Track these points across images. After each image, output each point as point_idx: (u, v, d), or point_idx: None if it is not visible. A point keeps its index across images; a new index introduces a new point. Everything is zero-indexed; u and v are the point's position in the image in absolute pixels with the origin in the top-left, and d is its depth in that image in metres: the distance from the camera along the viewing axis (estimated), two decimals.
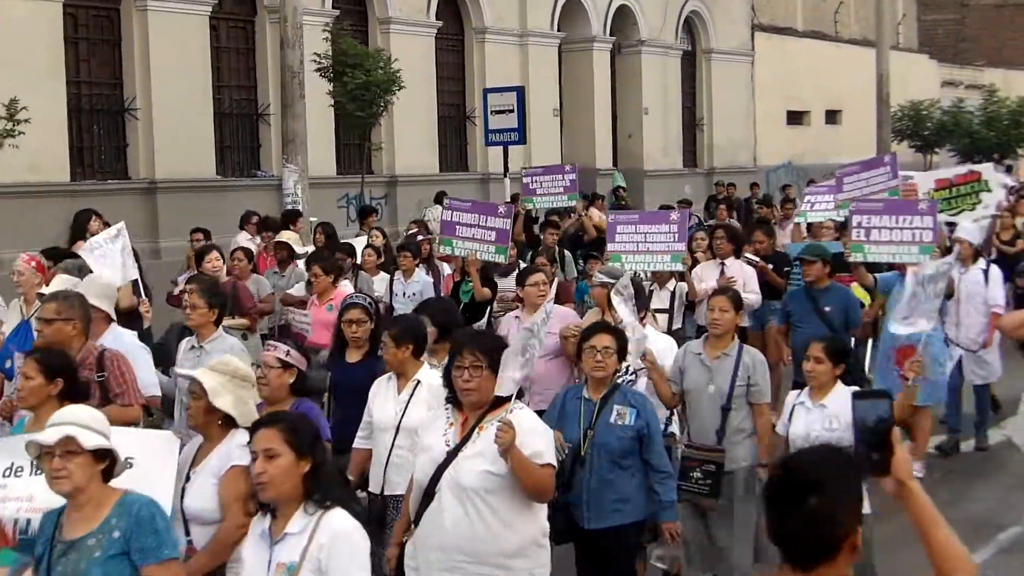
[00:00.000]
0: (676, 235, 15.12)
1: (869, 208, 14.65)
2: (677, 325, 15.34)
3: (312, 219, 21.62)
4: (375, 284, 16.57)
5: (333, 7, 28.94)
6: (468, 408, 7.34)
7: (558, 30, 36.17)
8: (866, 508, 8.67)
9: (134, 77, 25.34)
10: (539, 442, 7.18)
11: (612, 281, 11.87)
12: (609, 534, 8.81)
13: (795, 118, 47.19)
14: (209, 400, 7.20)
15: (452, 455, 7.21)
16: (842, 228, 17.99)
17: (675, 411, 10.65)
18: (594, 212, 28.99)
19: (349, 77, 25.65)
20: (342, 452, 9.34)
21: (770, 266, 16.95)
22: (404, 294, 16.36)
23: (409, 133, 30.73)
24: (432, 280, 17.06)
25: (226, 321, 12.50)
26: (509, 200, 26.92)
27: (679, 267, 15.21)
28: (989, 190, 16.58)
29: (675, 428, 10.64)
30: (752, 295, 15.50)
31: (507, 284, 16.05)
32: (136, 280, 13.56)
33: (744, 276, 15.82)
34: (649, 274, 15.31)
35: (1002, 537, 12.41)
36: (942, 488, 13.40)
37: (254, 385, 7.65)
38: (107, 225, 19.86)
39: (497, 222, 16.13)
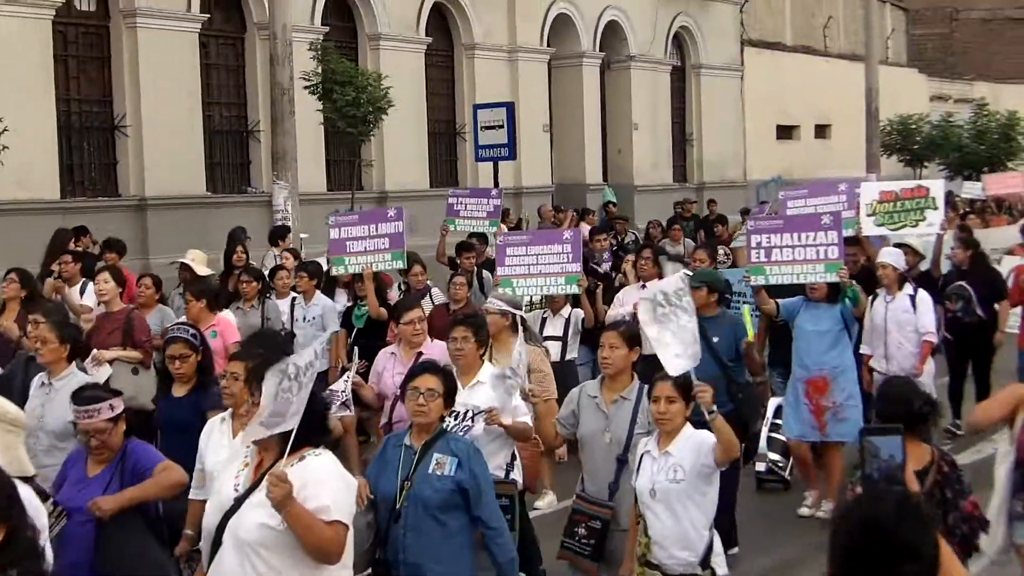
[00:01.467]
0: (570, 255, 14.10)
1: (768, 227, 13.57)
2: (571, 355, 14.53)
3: (303, 235, 21.61)
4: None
5: (322, 23, 28.96)
6: (261, 449, 6.44)
7: (547, 46, 36.20)
8: None
9: (124, 94, 25.37)
10: (325, 495, 6.18)
11: (508, 309, 11.67)
12: None
13: (785, 132, 47.29)
14: None
15: (239, 502, 6.32)
16: None
17: (516, 455, 9.74)
18: (584, 227, 29.03)
19: (339, 95, 25.66)
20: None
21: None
22: (304, 318, 15.56)
23: (399, 149, 30.74)
24: (332, 303, 16.01)
25: (114, 353, 12.25)
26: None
27: (574, 290, 14.17)
28: (935, 207, 15.98)
29: (516, 475, 9.60)
30: None
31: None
32: None
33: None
34: (540, 299, 14.67)
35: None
36: None
37: (24, 429, 6.85)
38: (95, 243, 19.94)
39: (388, 227, 15.26)
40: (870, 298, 14.18)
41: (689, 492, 8.07)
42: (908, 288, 14.25)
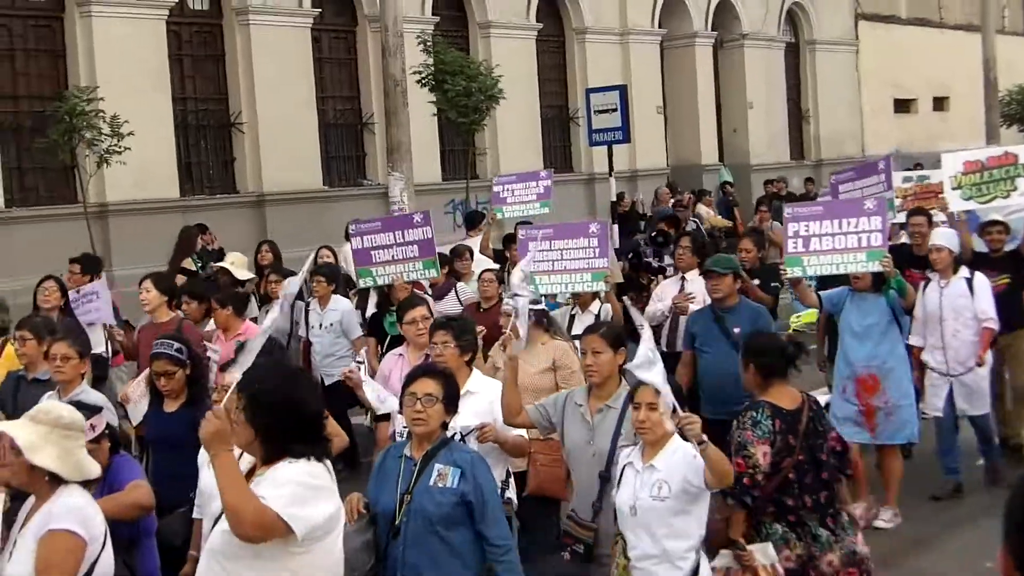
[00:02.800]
0: (597, 250, 13.03)
1: (807, 214, 12.39)
2: None
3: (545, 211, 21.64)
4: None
5: (433, 14, 29.00)
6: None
7: (659, 27, 36.01)
8: None
9: (239, 91, 25.60)
10: (269, 487, 5.76)
11: (534, 308, 10.58)
12: None
13: (902, 106, 46.63)
14: (27, 457, 6.27)
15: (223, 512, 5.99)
16: None
17: (511, 472, 8.98)
18: (702, 209, 28.85)
19: (450, 85, 25.68)
20: (164, 511, 8.36)
21: (755, 281, 13.93)
22: (321, 325, 14.59)
23: (512, 136, 30.73)
24: (351, 307, 14.93)
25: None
26: (614, 199, 26.88)
27: (601, 287, 13.11)
28: None
29: (512, 494, 8.84)
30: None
31: (444, 307, 14.20)
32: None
33: (705, 292, 13.27)
34: (568, 296, 13.62)
35: None
36: (949, 538, 11.97)
37: (83, 431, 6.61)
38: (213, 240, 20.15)
39: (416, 233, 14.24)
40: (922, 284, 13.27)
41: (674, 511, 7.35)
42: (964, 271, 13.22)
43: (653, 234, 18.44)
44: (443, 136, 29.04)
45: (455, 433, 8.12)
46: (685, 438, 7.29)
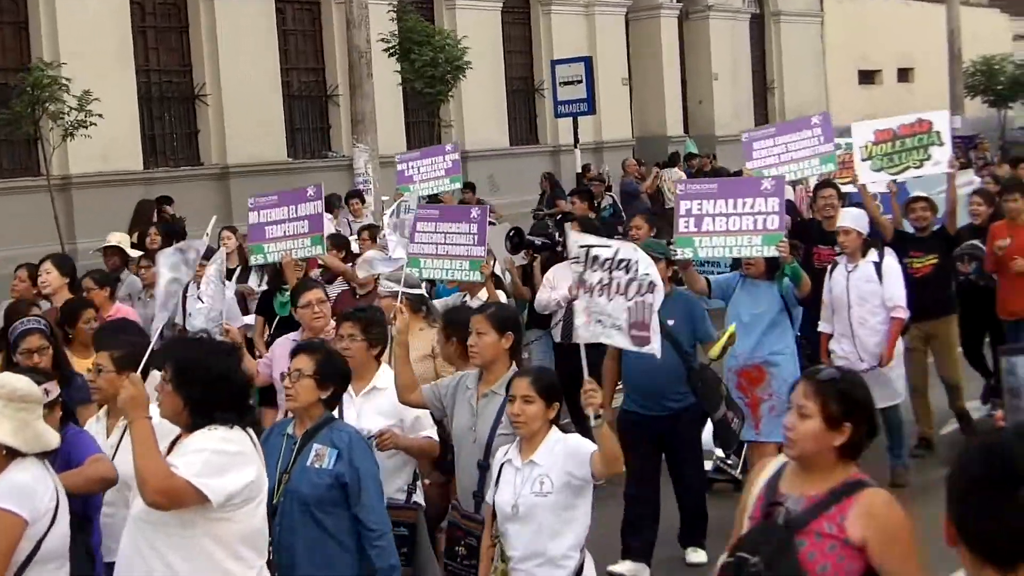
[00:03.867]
0: (476, 237, 11.98)
1: (699, 192, 11.39)
2: None
3: (384, 198, 21.64)
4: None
5: None
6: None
7: None
8: None
9: (203, 63, 25.53)
10: (180, 454, 5.86)
11: (408, 291, 10.12)
12: None
13: (867, 77, 46.82)
14: None
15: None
16: None
17: (418, 475, 8.59)
18: (676, 172, 28.70)
19: (416, 55, 25.67)
20: None
21: None
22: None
23: (478, 108, 30.71)
24: (232, 294, 13.58)
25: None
26: (579, 171, 26.92)
27: (476, 277, 12.03)
28: (941, 143, 13.52)
29: (420, 498, 8.41)
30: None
31: (332, 292, 12.94)
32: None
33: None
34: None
35: None
36: None
37: (40, 402, 6.37)
38: (173, 217, 20.06)
39: (307, 208, 13.27)
40: (828, 267, 12.50)
41: (557, 508, 6.96)
42: (872, 255, 12.30)
43: (559, 216, 17.56)
44: (408, 108, 29.00)
45: (369, 435, 7.89)
46: (565, 430, 7.13)
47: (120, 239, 15.19)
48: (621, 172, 30.12)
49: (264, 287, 14.26)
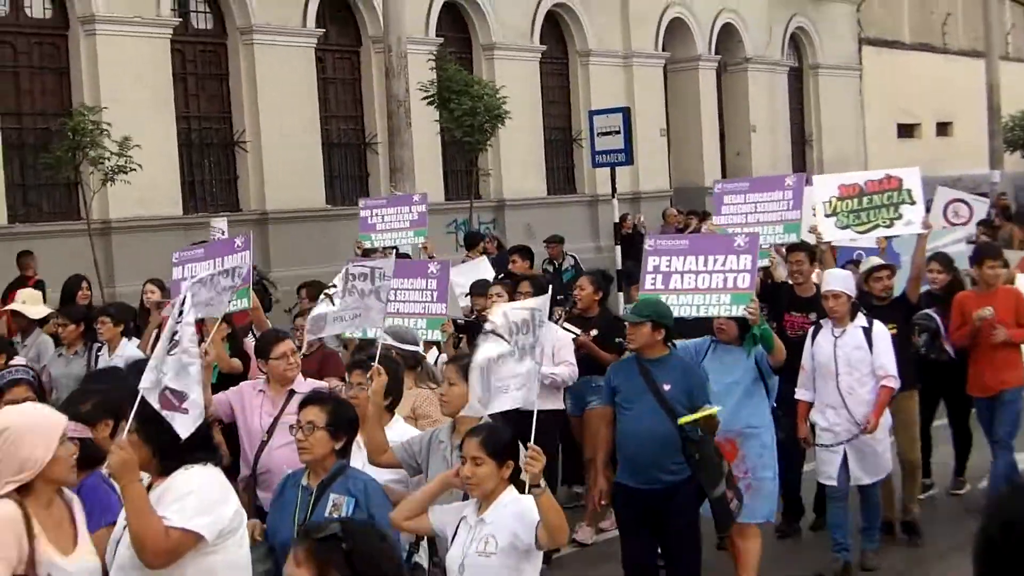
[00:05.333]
0: (435, 293, 11.73)
1: (668, 248, 10.85)
2: None
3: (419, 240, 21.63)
4: None
5: (437, 35, 29.04)
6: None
7: (662, 50, 36.05)
8: None
9: (243, 110, 25.64)
10: (170, 499, 5.84)
11: (398, 346, 10.04)
12: None
13: (906, 131, 46.73)
14: None
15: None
16: None
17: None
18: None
19: (456, 104, 25.73)
20: None
21: (593, 332, 12.77)
22: None
23: (516, 157, 30.74)
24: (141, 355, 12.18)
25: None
26: (617, 220, 26.87)
27: (436, 336, 11.81)
28: (912, 201, 12.73)
29: (422, 558, 8.07)
30: (564, 368, 12.12)
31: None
32: None
33: (556, 343, 12.04)
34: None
35: None
36: None
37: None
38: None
39: (235, 260, 12.36)
40: (811, 331, 11.66)
41: (502, 569, 6.71)
42: (861, 319, 11.48)
43: (499, 277, 16.77)
44: (446, 156, 29.05)
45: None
46: (523, 491, 6.77)
47: (25, 299, 14.52)
48: (661, 222, 30.10)
49: None
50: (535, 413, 6.73)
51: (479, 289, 14.18)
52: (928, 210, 14.51)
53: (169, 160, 23.77)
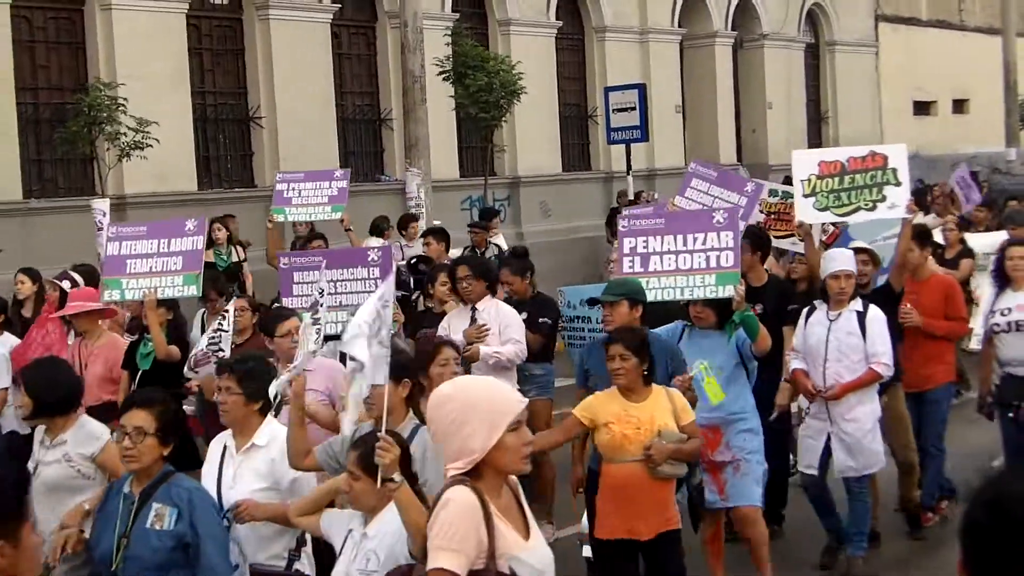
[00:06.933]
0: (379, 281, 10.83)
1: (644, 228, 10.29)
2: None
3: (436, 222, 21.62)
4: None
5: (453, 10, 28.99)
6: None
7: (679, 26, 35.95)
8: None
9: (258, 86, 25.61)
10: None
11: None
12: None
13: (922, 108, 46.57)
14: None
15: None
16: None
17: (304, 540, 7.76)
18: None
19: (471, 80, 25.69)
20: None
21: (523, 315, 12.15)
22: None
23: (531, 134, 30.69)
24: (4, 352, 12.19)
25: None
26: (632, 199, 26.84)
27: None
28: (897, 182, 11.69)
29: (305, 566, 7.70)
30: (510, 346, 11.54)
31: None
32: None
33: (501, 321, 11.64)
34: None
35: None
36: None
37: None
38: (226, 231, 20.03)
39: (184, 243, 11.91)
40: (804, 312, 11.03)
41: None
42: (856, 303, 10.80)
43: (412, 260, 16.43)
44: (461, 133, 29.02)
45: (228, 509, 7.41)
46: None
47: None
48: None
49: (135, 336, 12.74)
50: (386, 395, 6.39)
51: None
52: (926, 191, 13.75)
53: (184, 136, 23.76)
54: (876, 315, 10.78)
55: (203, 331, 12.25)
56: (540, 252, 27.56)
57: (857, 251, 11.58)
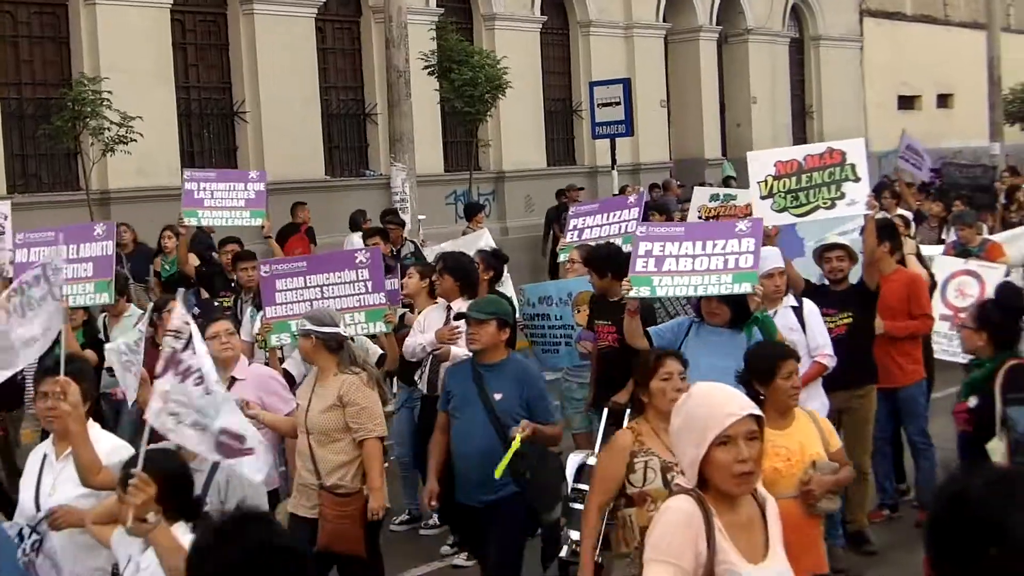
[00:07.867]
0: (368, 283, 10.79)
1: (662, 235, 10.13)
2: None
3: (420, 217, 21.64)
4: None
5: (438, 5, 28.94)
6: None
7: (663, 21, 35.95)
8: None
9: (242, 80, 25.59)
10: None
11: (316, 329, 9.04)
12: None
13: (906, 103, 46.62)
14: None
15: None
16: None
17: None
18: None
19: (456, 74, 25.70)
20: None
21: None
22: None
23: (516, 128, 30.68)
24: None
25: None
26: (616, 192, 26.87)
27: (381, 329, 10.86)
28: (856, 178, 11.31)
29: None
30: (431, 335, 11.38)
31: None
32: None
33: (424, 315, 11.65)
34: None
35: None
36: None
37: None
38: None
39: (94, 248, 11.59)
40: None
41: None
42: (790, 299, 10.72)
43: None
44: (446, 127, 29.01)
45: (20, 528, 7.21)
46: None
47: None
48: (661, 191, 30.14)
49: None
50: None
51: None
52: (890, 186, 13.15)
53: (168, 130, 23.73)
54: (812, 308, 10.66)
55: (106, 336, 12.03)
56: (524, 247, 27.62)
57: (833, 247, 11.53)
